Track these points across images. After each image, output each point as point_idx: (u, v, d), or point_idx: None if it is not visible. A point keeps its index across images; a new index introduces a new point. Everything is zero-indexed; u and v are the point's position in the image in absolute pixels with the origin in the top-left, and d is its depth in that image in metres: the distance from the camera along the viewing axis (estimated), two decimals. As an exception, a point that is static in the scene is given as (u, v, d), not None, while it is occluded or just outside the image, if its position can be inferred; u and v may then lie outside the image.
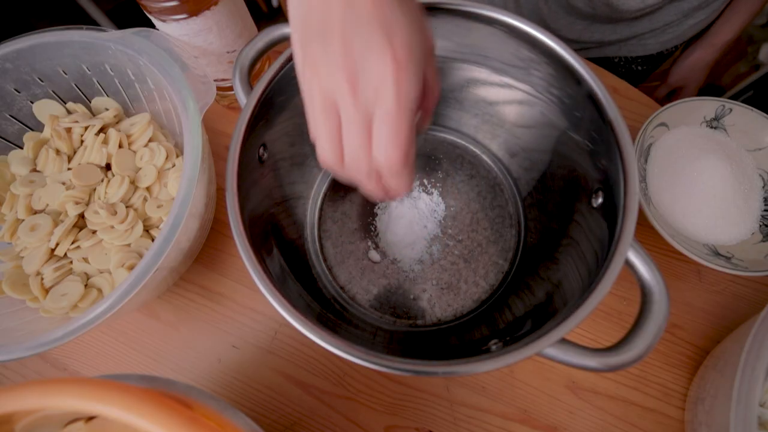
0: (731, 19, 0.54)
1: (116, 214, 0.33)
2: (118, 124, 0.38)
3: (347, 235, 0.39)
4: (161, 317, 0.38)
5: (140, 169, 0.36)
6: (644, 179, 0.39)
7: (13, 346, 0.26)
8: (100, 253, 0.33)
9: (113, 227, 0.33)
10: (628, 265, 0.24)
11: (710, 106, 0.40)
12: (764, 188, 0.39)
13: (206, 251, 0.40)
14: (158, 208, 0.35)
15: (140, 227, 0.34)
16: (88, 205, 0.34)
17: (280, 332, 0.37)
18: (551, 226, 0.35)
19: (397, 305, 0.37)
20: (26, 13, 0.98)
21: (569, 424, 0.34)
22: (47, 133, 0.36)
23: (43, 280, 0.32)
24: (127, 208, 0.34)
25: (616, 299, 0.38)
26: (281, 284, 0.26)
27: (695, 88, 0.62)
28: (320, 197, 0.41)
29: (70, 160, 0.36)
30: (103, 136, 0.36)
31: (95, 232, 0.34)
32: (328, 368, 0.36)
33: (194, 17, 0.34)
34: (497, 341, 0.28)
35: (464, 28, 0.32)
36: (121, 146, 0.36)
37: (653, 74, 0.67)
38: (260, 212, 0.30)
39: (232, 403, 0.35)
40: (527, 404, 0.35)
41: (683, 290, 0.38)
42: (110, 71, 0.36)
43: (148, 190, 0.36)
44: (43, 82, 0.36)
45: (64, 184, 0.35)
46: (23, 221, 0.34)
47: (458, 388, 0.35)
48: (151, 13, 0.34)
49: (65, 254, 0.33)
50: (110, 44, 0.34)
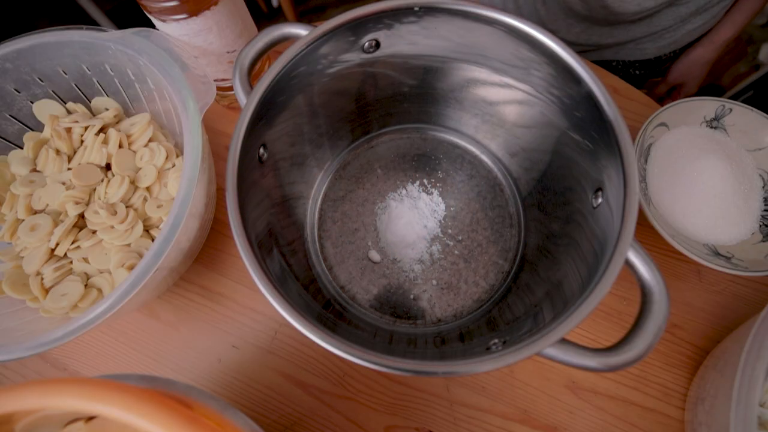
0: (733, 17, 0.54)
1: (116, 214, 0.33)
2: (118, 124, 0.38)
3: (347, 235, 0.39)
4: (161, 317, 0.38)
5: (140, 169, 0.36)
6: (644, 179, 0.39)
7: (13, 346, 0.26)
8: (100, 253, 0.33)
9: (113, 227, 0.33)
10: (628, 265, 0.24)
11: (710, 106, 0.40)
12: (764, 188, 0.38)
13: (206, 251, 0.40)
14: (158, 208, 0.35)
15: (140, 227, 0.34)
16: (88, 205, 0.34)
17: (280, 332, 0.37)
18: (551, 226, 0.35)
19: (397, 305, 0.37)
20: (26, 12, 0.98)
21: (569, 424, 0.34)
22: (47, 133, 0.36)
23: (43, 280, 0.32)
24: (127, 208, 0.34)
25: (616, 299, 0.38)
26: (281, 284, 0.26)
27: (695, 85, 0.62)
28: (320, 197, 0.41)
29: (70, 160, 0.36)
30: (103, 136, 0.36)
31: (95, 232, 0.34)
32: (328, 368, 0.36)
33: (194, 17, 0.34)
34: (497, 341, 0.28)
35: (464, 28, 0.32)
36: (121, 146, 0.36)
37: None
38: (260, 212, 0.30)
39: (232, 403, 0.35)
40: (527, 404, 0.35)
41: (683, 290, 0.38)
42: (110, 71, 0.36)
43: (148, 190, 0.36)
44: (43, 82, 0.36)
45: (64, 184, 0.35)
46: (23, 221, 0.34)
47: (458, 388, 0.35)
48: (151, 13, 0.34)
49: (65, 254, 0.33)
50: (110, 44, 0.34)
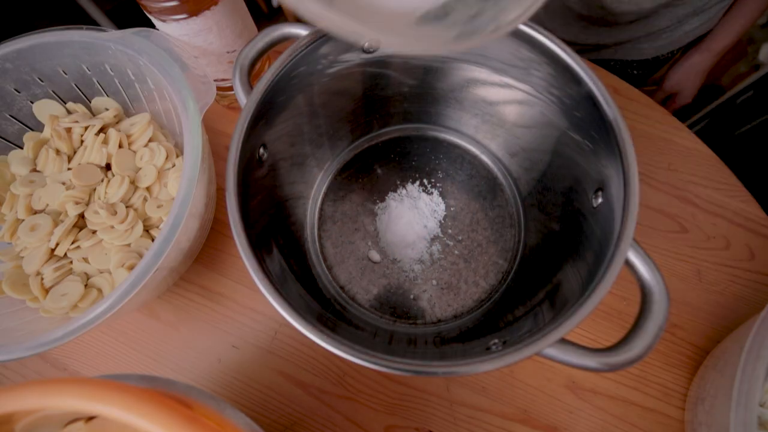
0: (730, 25, 0.54)
1: (116, 214, 0.33)
2: (118, 124, 0.38)
3: (347, 235, 0.39)
4: (161, 317, 0.38)
5: (140, 169, 0.36)
6: None
7: (13, 346, 0.26)
8: (100, 253, 0.33)
9: (113, 227, 0.33)
10: (628, 265, 0.24)
11: None
12: None
13: (206, 251, 0.40)
14: (158, 208, 0.35)
15: (140, 227, 0.34)
16: (88, 205, 0.34)
17: (280, 332, 0.37)
18: (551, 226, 0.35)
19: (397, 305, 0.37)
20: (26, 12, 0.98)
21: (569, 424, 0.34)
22: (47, 133, 0.36)
23: (43, 280, 0.32)
24: (127, 208, 0.34)
25: (616, 299, 0.38)
26: (281, 284, 0.26)
27: (691, 93, 0.62)
28: (320, 197, 0.41)
29: (70, 160, 0.36)
30: (103, 136, 0.36)
31: (95, 232, 0.34)
32: (328, 368, 0.36)
33: (194, 17, 0.34)
34: (497, 341, 0.28)
35: (464, 28, 0.32)
36: (121, 146, 0.36)
37: (650, 79, 0.67)
38: (260, 212, 0.30)
39: (232, 403, 0.35)
40: (527, 404, 0.35)
41: (683, 290, 0.38)
42: (110, 71, 0.36)
43: (148, 190, 0.36)
44: (43, 82, 0.36)
45: (64, 184, 0.35)
46: (23, 221, 0.34)
47: (458, 388, 0.35)
48: (151, 13, 0.34)
49: (65, 254, 0.33)
50: (110, 44, 0.34)
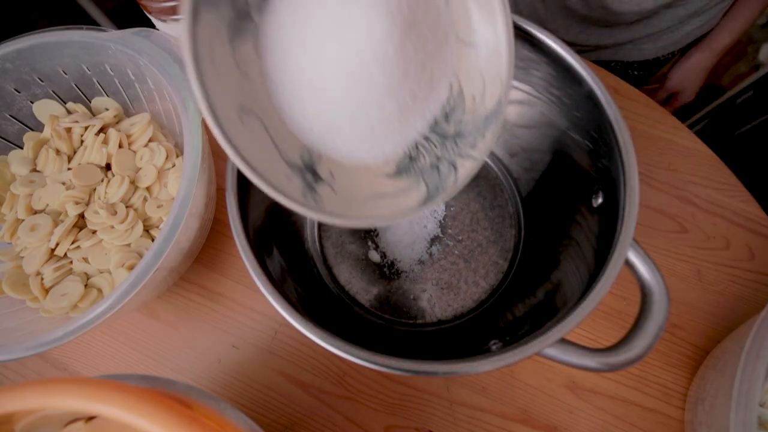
0: (731, 24, 0.54)
1: (116, 214, 0.33)
2: (118, 124, 0.38)
3: (347, 235, 0.39)
4: (161, 317, 0.38)
5: (140, 169, 0.36)
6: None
7: (13, 346, 0.26)
8: (100, 253, 0.33)
9: (113, 227, 0.33)
10: (628, 265, 0.24)
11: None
12: (449, 102, 0.22)
13: (206, 251, 0.40)
14: (158, 208, 0.35)
15: (140, 227, 0.34)
16: (88, 205, 0.34)
17: (280, 332, 0.37)
18: (551, 226, 0.35)
19: (397, 305, 0.37)
20: (26, 12, 0.98)
21: (569, 424, 0.34)
22: (47, 133, 0.36)
23: (43, 280, 0.32)
24: (127, 208, 0.34)
25: (616, 299, 0.38)
26: (281, 284, 0.26)
27: (693, 92, 0.62)
28: (320, 197, 0.40)
29: (70, 160, 0.36)
30: (103, 136, 0.36)
31: (95, 232, 0.34)
32: (328, 368, 0.36)
33: (194, 17, 0.34)
34: (497, 341, 0.28)
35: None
36: (121, 146, 0.36)
37: (652, 78, 0.66)
38: (260, 212, 0.30)
39: (232, 403, 0.35)
40: (527, 404, 0.35)
41: (683, 290, 0.38)
42: (110, 71, 0.36)
43: (148, 190, 0.36)
44: (43, 82, 0.36)
45: (64, 184, 0.35)
46: (23, 221, 0.34)
47: (458, 388, 0.35)
48: (151, 13, 0.34)
49: (65, 254, 0.33)
50: (110, 44, 0.33)
